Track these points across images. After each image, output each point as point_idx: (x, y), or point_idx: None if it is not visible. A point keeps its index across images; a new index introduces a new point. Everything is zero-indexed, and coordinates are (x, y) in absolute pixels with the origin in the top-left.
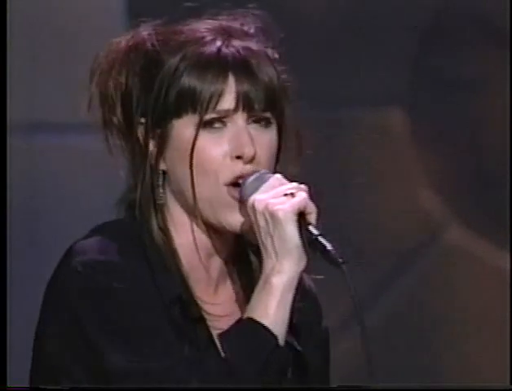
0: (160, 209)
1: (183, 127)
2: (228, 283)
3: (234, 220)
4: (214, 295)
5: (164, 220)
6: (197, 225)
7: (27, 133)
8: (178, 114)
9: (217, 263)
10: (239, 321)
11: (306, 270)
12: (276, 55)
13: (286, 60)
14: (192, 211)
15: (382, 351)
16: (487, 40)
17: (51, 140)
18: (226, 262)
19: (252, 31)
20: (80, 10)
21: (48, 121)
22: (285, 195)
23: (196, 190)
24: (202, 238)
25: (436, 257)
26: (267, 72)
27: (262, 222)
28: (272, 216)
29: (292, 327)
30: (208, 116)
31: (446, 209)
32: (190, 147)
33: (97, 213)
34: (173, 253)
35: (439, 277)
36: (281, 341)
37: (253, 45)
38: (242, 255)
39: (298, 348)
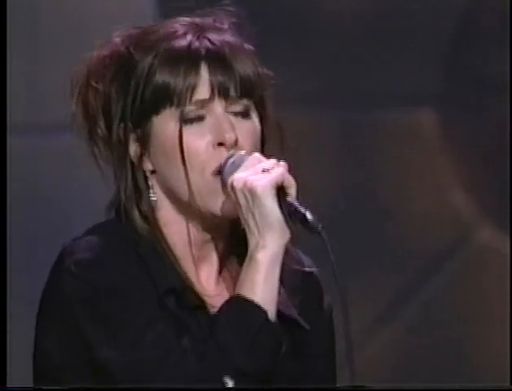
0: (149, 210)
1: (163, 123)
2: (229, 273)
3: (223, 207)
4: (216, 287)
5: (155, 221)
6: (190, 221)
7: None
8: (156, 111)
9: (215, 257)
10: (227, 301)
11: (292, 242)
12: (252, 49)
13: (264, 56)
14: (184, 206)
15: (416, 350)
16: None
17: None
18: (224, 254)
19: (225, 26)
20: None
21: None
22: (263, 171)
23: (183, 183)
24: (196, 234)
25: (467, 258)
26: (242, 61)
27: (242, 200)
28: (251, 192)
29: (297, 307)
30: (186, 109)
31: (477, 209)
32: (172, 141)
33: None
34: (166, 251)
35: (470, 277)
36: (271, 316)
37: (227, 37)
38: (240, 244)
39: (306, 327)
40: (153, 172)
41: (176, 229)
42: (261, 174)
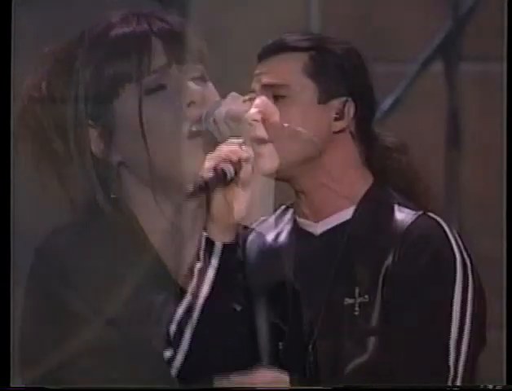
0: (121, 203)
1: (125, 103)
2: None
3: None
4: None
5: (129, 213)
6: (166, 204)
7: None
8: (116, 93)
9: (192, 246)
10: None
11: None
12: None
13: None
14: (159, 187)
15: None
16: None
17: None
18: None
19: (163, 13)
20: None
21: None
22: (244, 101)
23: (159, 157)
24: (173, 217)
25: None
26: (191, 32)
27: (225, 129)
28: (234, 118)
29: None
30: (146, 80)
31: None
32: (138, 112)
33: None
34: (144, 242)
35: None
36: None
37: (171, 16)
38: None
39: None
40: (121, 163)
41: (152, 218)
42: (242, 104)
